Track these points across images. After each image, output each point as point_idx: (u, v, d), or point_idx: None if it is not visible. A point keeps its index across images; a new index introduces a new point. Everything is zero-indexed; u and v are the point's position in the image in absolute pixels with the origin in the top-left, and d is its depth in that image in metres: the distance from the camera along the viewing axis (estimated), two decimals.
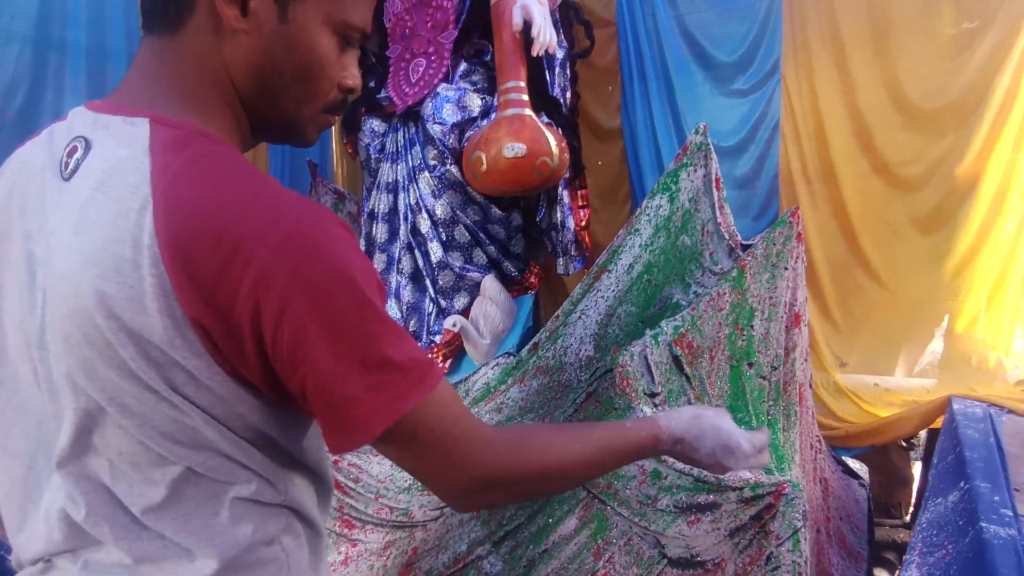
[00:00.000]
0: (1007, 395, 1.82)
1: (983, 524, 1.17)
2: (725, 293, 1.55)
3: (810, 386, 1.75)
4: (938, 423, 1.95)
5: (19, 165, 0.62)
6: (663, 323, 1.53)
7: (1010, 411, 1.75)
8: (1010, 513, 1.20)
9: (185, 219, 0.51)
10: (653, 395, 1.47)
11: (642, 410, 1.44)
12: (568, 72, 2.40)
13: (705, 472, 1.30)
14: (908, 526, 2.40)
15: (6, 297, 0.59)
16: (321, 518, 0.66)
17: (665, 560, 1.30)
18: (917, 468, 2.52)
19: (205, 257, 0.50)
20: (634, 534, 1.36)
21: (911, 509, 2.47)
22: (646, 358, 1.48)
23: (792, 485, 1.15)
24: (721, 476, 1.19)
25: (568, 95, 2.42)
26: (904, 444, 2.32)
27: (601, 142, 2.79)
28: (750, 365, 1.53)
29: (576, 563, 1.40)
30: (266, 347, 0.52)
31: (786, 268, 1.59)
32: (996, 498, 1.26)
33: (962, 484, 1.37)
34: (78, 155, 0.56)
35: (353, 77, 0.66)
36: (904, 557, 1.35)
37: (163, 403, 0.53)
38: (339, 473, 1.93)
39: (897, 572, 2.09)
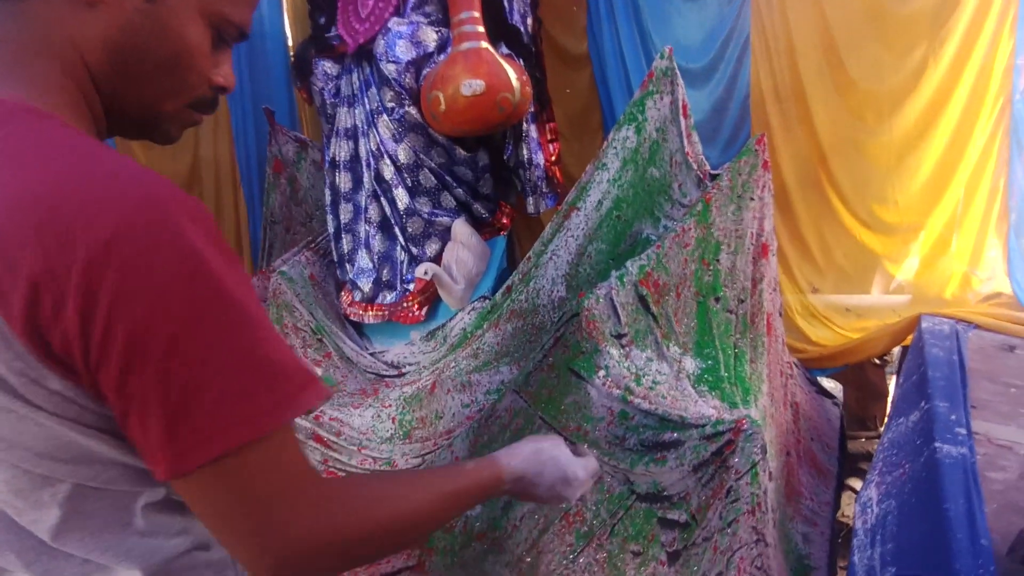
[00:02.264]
0: (975, 310, 1.83)
1: (937, 444, 1.19)
2: (690, 228, 1.52)
3: (780, 314, 1.75)
4: (909, 340, 1.97)
5: None
6: (628, 263, 1.51)
7: (977, 326, 1.76)
8: (964, 431, 1.23)
9: None
10: (620, 336, 1.47)
11: (609, 352, 1.45)
12: None
13: (669, 410, 1.33)
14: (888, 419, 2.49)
15: None
16: None
17: (634, 496, 1.34)
18: (892, 382, 2.57)
19: (24, 256, 0.43)
20: (604, 472, 1.39)
21: (886, 421, 2.55)
22: (612, 300, 1.47)
23: (751, 421, 1.17)
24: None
25: (529, 21, 2.29)
26: (878, 361, 2.37)
27: (569, 68, 2.67)
28: (716, 300, 1.53)
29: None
30: (91, 354, 0.45)
31: (752, 199, 1.56)
32: (953, 416, 1.29)
33: (923, 404, 1.39)
34: None
35: (225, 76, 0.60)
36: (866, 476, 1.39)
37: (26, 422, 0.48)
38: (321, 428, 1.96)
39: None
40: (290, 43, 3.01)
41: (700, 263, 1.53)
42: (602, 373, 1.43)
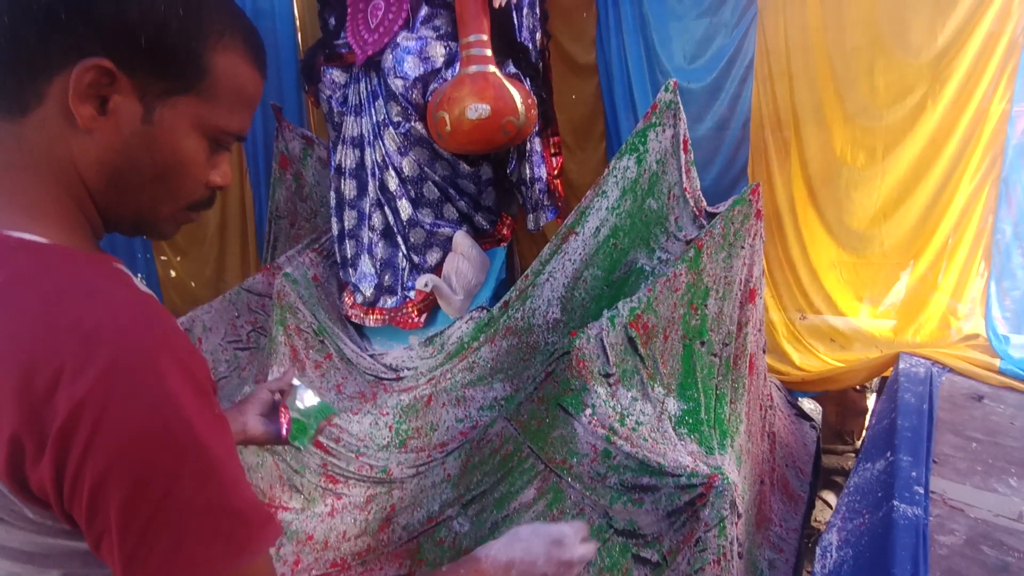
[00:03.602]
0: (952, 353, 1.90)
1: (895, 503, 1.28)
2: (681, 273, 1.58)
3: (763, 351, 1.83)
4: (889, 372, 2.05)
5: None
6: (620, 304, 1.58)
7: (951, 370, 1.84)
8: (921, 491, 1.32)
9: None
10: (608, 375, 1.55)
11: (596, 391, 1.53)
12: (537, 11, 2.26)
13: (649, 455, 1.41)
14: (858, 452, 2.60)
15: None
16: None
17: (612, 529, 1.44)
18: (872, 399, 2.67)
19: (5, 413, 0.46)
20: (585, 505, 1.49)
21: (863, 433, 2.65)
22: (602, 340, 1.54)
23: (723, 478, 1.26)
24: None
25: (538, 36, 2.30)
26: (858, 388, 2.45)
27: (576, 76, 2.68)
28: (702, 344, 1.60)
29: None
30: (63, 496, 0.47)
31: (743, 247, 1.61)
32: (914, 473, 1.38)
33: (888, 455, 1.48)
34: None
35: (223, 175, 0.62)
36: (829, 518, 1.49)
37: (12, 532, 0.52)
38: (320, 434, 2.06)
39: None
40: (300, 36, 3.00)
41: (688, 307, 1.60)
42: (588, 411, 1.52)
